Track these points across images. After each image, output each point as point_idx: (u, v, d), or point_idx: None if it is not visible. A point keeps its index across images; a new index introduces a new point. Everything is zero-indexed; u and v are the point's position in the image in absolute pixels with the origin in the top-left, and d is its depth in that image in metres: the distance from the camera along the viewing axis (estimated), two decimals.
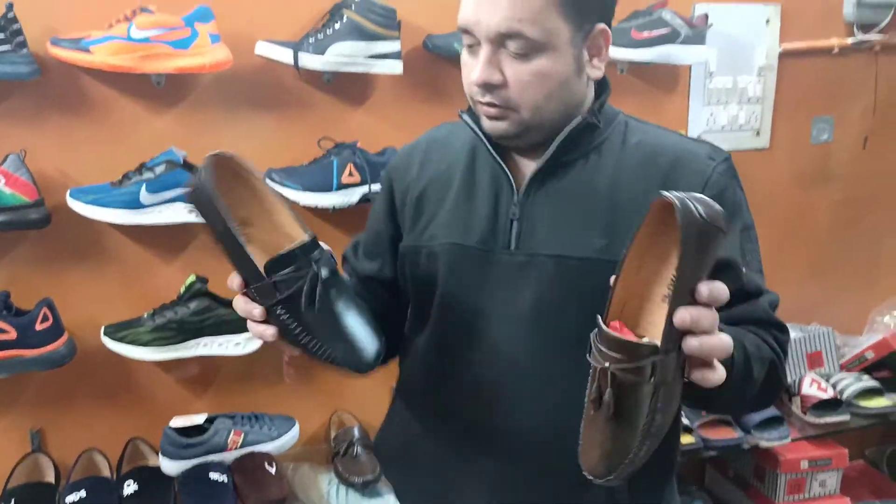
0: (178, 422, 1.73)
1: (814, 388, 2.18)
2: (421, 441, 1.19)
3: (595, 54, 1.04)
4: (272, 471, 1.72)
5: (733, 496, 2.35)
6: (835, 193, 2.41)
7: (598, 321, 0.81)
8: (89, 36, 1.57)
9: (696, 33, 2.01)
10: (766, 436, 2.11)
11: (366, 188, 1.77)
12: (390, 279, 1.22)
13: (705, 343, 0.78)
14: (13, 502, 1.61)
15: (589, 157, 1.07)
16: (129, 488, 1.65)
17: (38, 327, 1.57)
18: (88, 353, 1.70)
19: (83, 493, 1.62)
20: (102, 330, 1.68)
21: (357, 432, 1.87)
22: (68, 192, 1.61)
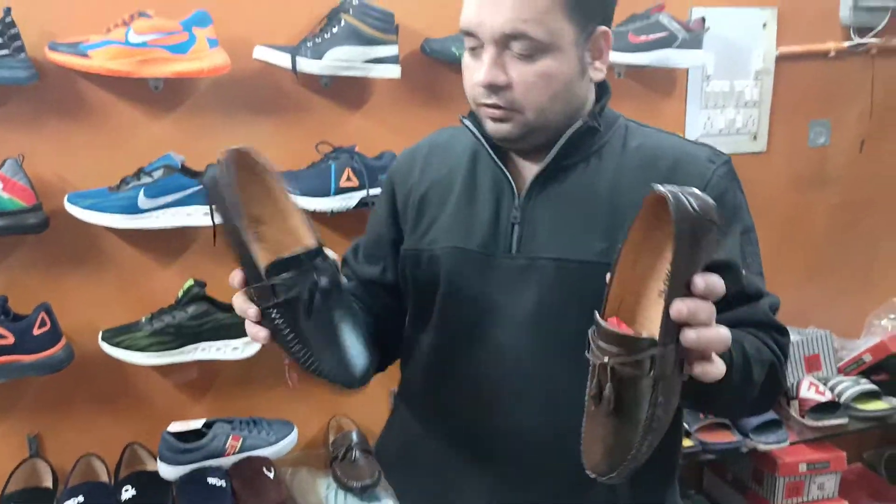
0: (176, 426, 1.72)
1: (812, 391, 2.18)
2: (421, 442, 1.19)
3: (597, 56, 1.05)
4: (270, 475, 1.72)
5: (732, 500, 2.35)
6: (832, 197, 2.42)
7: (596, 317, 0.81)
8: (87, 40, 1.57)
9: (693, 37, 2.01)
10: (764, 439, 2.11)
11: (364, 192, 1.77)
12: (392, 283, 1.22)
13: (703, 335, 0.78)
14: None
15: (590, 160, 1.08)
16: (127, 493, 1.64)
17: (35, 332, 1.57)
18: (86, 358, 1.70)
19: (81, 498, 1.61)
20: (100, 335, 1.68)
21: (355, 437, 1.87)
22: (66, 196, 1.61)
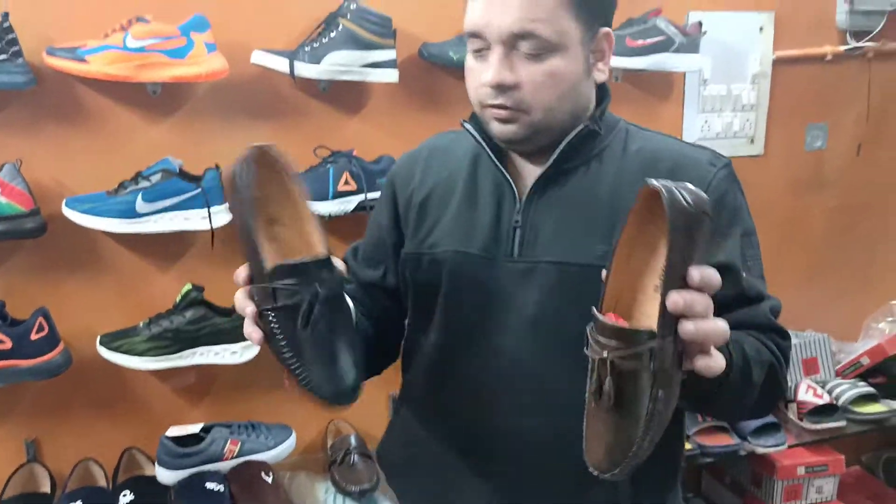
0: (174, 431, 1.72)
1: (809, 394, 2.18)
2: (423, 444, 1.19)
3: (599, 58, 1.05)
4: (269, 480, 1.72)
5: (730, 503, 2.35)
6: (829, 200, 2.42)
7: (594, 312, 0.81)
8: (85, 45, 1.57)
9: (691, 41, 2.02)
10: (762, 442, 2.11)
11: (362, 196, 1.77)
12: (392, 286, 1.22)
13: (701, 327, 0.77)
14: None
15: (590, 164, 1.08)
16: (125, 498, 1.64)
17: (33, 337, 1.56)
18: (84, 363, 1.70)
19: (79, 503, 1.60)
20: (98, 339, 1.68)
21: (354, 441, 1.87)
22: (64, 201, 1.61)
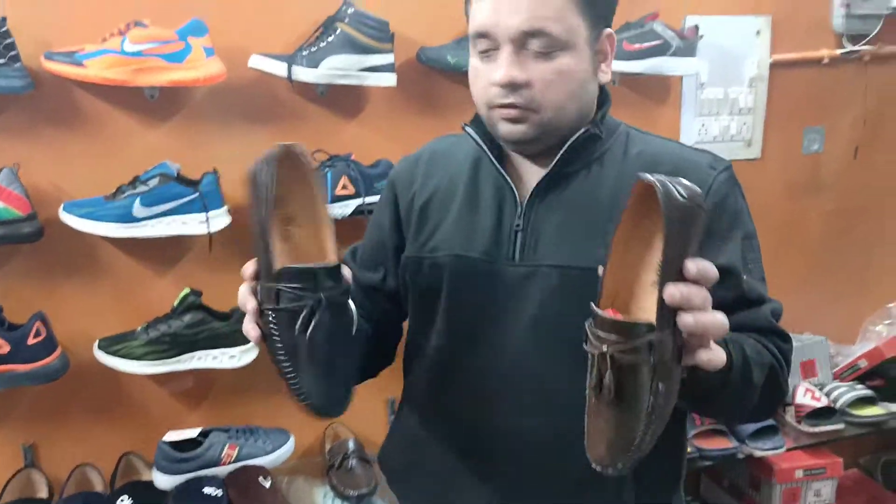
0: (172, 436, 1.72)
1: (807, 396, 2.18)
2: (425, 445, 1.19)
3: (602, 59, 1.06)
4: (267, 484, 1.71)
5: None
6: (826, 203, 2.43)
7: (592, 307, 0.81)
8: (83, 50, 1.57)
9: (687, 45, 2.02)
10: (760, 445, 2.11)
11: (360, 200, 1.77)
12: (392, 289, 1.22)
13: (699, 319, 0.77)
14: None
15: (591, 167, 1.08)
16: (123, 503, 1.64)
17: (30, 341, 1.56)
18: (82, 368, 1.69)
19: None
20: (96, 344, 1.67)
21: (352, 445, 1.87)
22: (61, 205, 1.61)
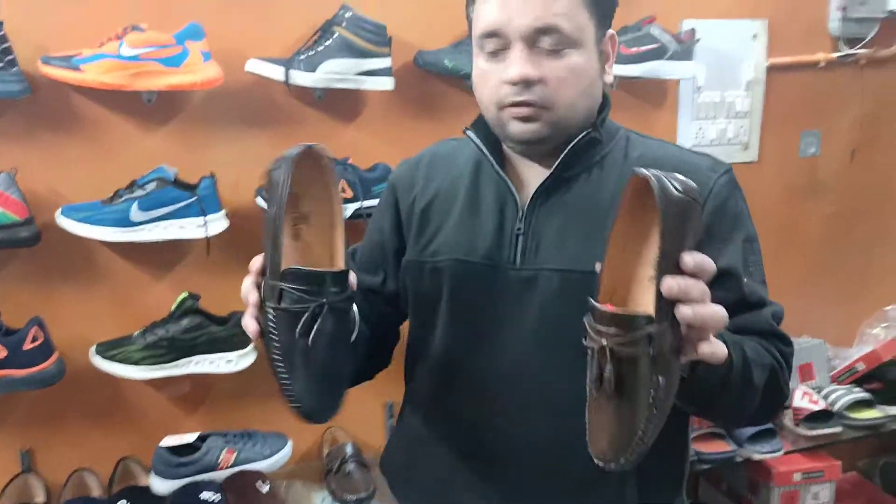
0: (169, 440, 1.71)
1: (805, 400, 2.18)
2: (426, 448, 1.19)
3: (605, 60, 1.07)
4: (265, 489, 1.71)
5: None
6: (824, 206, 2.43)
7: (591, 301, 0.81)
8: (80, 54, 1.57)
9: (684, 49, 2.02)
10: (758, 448, 2.11)
11: (358, 204, 1.77)
12: (392, 292, 1.22)
13: (698, 311, 0.77)
14: None
15: (592, 171, 1.09)
16: None
17: (27, 346, 1.56)
18: (79, 372, 1.69)
19: None
20: (93, 348, 1.67)
21: (350, 449, 1.87)
22: (59, 210, 1.61)
